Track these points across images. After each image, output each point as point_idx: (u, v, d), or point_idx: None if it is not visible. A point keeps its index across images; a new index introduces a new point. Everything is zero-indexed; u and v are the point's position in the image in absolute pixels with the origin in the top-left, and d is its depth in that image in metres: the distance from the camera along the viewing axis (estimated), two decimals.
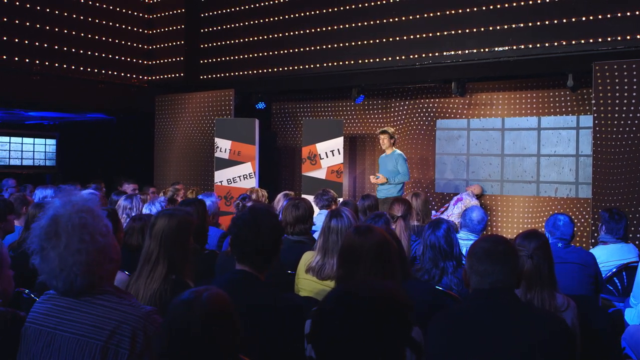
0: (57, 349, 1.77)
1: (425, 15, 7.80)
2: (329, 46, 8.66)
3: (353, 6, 8.43)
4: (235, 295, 1.72)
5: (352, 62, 8.43)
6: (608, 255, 4.35)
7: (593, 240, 6.15)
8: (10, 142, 11.87)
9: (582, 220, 7.75)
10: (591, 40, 6.67)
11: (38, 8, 8.87)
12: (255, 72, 9.42)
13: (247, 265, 2.22)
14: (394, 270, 2.08)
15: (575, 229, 4.10)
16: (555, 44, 6.89)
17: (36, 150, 12.25)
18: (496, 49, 7.29)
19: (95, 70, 9.64)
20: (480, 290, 1.99)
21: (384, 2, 8.17)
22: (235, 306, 1.60)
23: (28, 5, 8.76)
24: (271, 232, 2.21)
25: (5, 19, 8.50)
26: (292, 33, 9.04)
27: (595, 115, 6.47)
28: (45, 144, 12.43)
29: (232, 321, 1.59)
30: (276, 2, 9.22)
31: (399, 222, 4.15)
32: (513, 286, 2.02)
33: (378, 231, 2.15)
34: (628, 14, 6.46)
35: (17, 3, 8.63)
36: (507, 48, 7.22)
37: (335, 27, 8.62)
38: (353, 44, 8.43)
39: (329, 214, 3.14)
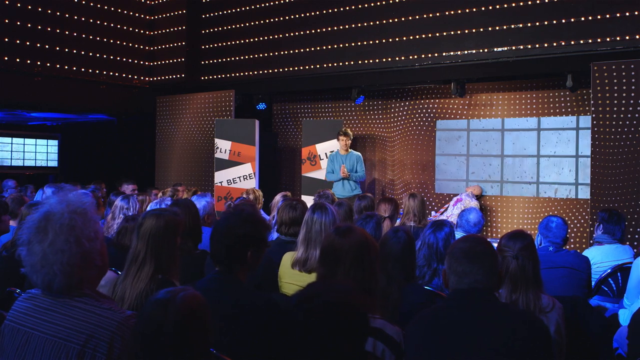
0: (32, 350, 1.77)
1: (425, 15, 7.80)
2: (329, 47, 8.67)
3: (353, 7, 8.44)
4: (212, 295, 1.74)
5: (352, 62, 8.44)
6: (603, 256, 4.34)
7: (592, 242, 6.13)
8: (12, 143, 11.96)
9: (582, 221, 7.73)
10: (590, 41, 6.65)
11: (39, 9, 8.93)
12: (255, 73, 9.44)
13: (219, 265, 2.22)
14: (374, 271, 2.08)
15: (569, 231, 4.08)
16: (554, 44, 6.88)
17: (38, 151, 12.32)
18: (495, 49, 7.28)
19: (97, 72, 9.69)
20: (459, 290, 1.99)
21: (384, 2, 8.18)
22: (211, 306, 1.61)
23: (29, 7, 8.81)
24: (235, 233, 2.18)
25: (6, 20, 8.55)
26: (292, 34, 9.06)
27: (594, 115, 6.46)
28: (47, 145, 12.51)
29: (206, 322, 1.60)
30: (276, 3, 9.25)
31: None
32: (492, 286, 2.01)
33: (359, 232, 2.14)
34: (627, 14, 6.44)
35: (19, 4, 8.68)
36: (506, 48, 7.21)
37: (335, 28, 8.63)
38: (353, 44, 8.44)
39: (311, 207, 3.14)
